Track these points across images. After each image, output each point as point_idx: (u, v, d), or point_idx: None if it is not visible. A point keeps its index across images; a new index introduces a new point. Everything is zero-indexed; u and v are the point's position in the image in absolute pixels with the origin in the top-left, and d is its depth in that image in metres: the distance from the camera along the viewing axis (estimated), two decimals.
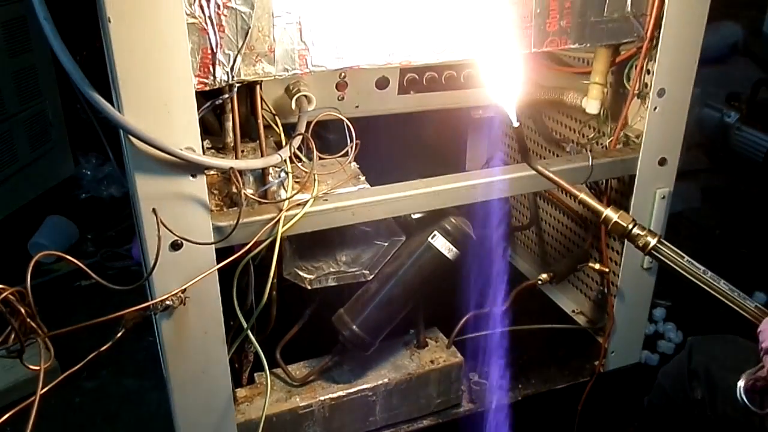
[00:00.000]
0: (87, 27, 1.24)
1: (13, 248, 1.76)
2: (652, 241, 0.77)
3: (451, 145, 1.50)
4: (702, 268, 0.75)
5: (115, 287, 0.74)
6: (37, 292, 1.65)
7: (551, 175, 0.84)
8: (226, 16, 0.74)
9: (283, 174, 0.91)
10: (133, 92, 0.73)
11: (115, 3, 0.69)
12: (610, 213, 0.79)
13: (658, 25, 0.96)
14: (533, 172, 0.98)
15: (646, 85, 1.01)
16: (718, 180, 2.00)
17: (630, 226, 0.78)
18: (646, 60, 0.99)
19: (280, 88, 1.00)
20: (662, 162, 1.06)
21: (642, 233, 0.77)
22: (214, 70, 0.76)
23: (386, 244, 1.00)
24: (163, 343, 0.88)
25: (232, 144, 0.90)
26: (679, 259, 0.76)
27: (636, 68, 1.00)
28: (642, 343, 1.22)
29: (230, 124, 0.90)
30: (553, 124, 1.29)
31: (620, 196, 1.10)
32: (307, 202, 0.87)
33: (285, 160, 0.90)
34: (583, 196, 0.81)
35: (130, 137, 0.74)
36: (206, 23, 0.73)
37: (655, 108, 1.01)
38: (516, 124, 0.80)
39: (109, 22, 0.70)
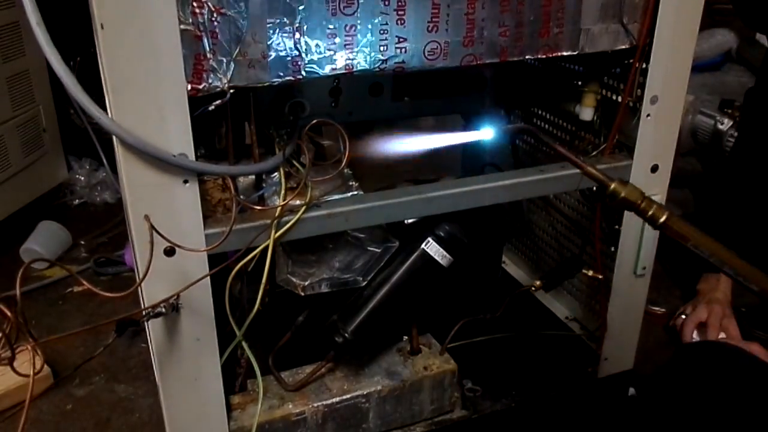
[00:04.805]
0: (81, 32, 1.24)
1: (5, 254, 1.76)
2: (663, 217, 0.75)
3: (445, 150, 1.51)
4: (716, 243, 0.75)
5: (107, 294, 0.74)
6: (29, 298, 1.65)
7: (561, 150, 0.84)
8: (219, 22, 0.74)
9: (276, 180, 0.91)
10: (126, 98, 0.73)
11: (108, 9, 0.69)
12: (618, 186, 0.77)
13: (650, 33, 0.96)
14: (527, 178, 0.99)
15: (638, 92, 1.01)
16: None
17: (639, 202, 0.76)
18: (639, 67, 0.99)
19: (273, 94, 1.00)
20: (654, 169, 1.06)
21: (652, 208, 0.76)
22: (207, 76, 0.76)
23: (380, 250, 1.00)
24: (155, 350, 0.88)
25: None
26: (692, 233, 0.75)
27: (629, 75, 1.00)
28: (635, 350, 1.23)
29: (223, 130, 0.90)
30: (547, 129, 1.29)
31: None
32: (300, 208, 0.87)
33: (278, 167, 0.90)
34: (590, 168, 0.79)
35: (122, 143, 0.74)
36: (199, 30, 0.73)
37: (648, 115, 1.02)
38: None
39: (102, 28, 0.70)
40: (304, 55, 0.79)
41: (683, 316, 1.42)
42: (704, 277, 1.49)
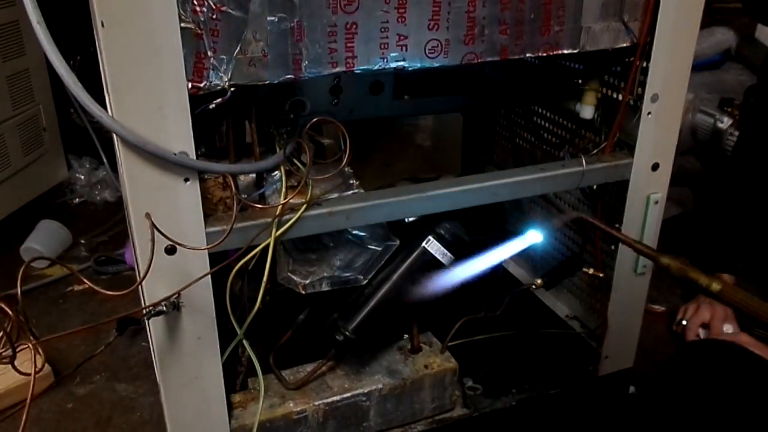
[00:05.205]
0: (81, 30, 1.24)
1: (6, 253, 1.75)
2: (717, 286, 0.78)
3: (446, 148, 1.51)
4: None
5: (108, 293, 0.74)
6: (29, 297, 1.65)
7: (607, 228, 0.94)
8: (220, 20, 0.74)
9: (277, 179, 0.91)
10: (126, 96, 0.73)
11: (108, 7, 0.69)
12: (667, 260, 0.82)
13: (651, 31, 0.96)
14: (528, 176, 0.99)
15: (639, 90, 1.01)
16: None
17: (691, 274, 0.80)
18: (640, 65, 0.99)
19: (274, 93, 1.00)
20: (655, 167, 1.06)
21: (702, 277, 0.79)
22: (208, 74, 0.76)
23: (380, 248, 1.00)
24: (156, 348, 0.88)
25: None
26: (747, 299, 0.78)
27: (630, 74, 1.00)
28: (636, 348, 1.23)
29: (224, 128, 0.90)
30: (548, 127, 1.29)
31: (614, 201, 1.10)
32: (301, 206, 0.87)
33: (279, 165, 0.90)
34: (638, 245, 0.85)
35: (123, 141, 0.74)
36: (200, 28, 0.73)
37: (648, 113, 1.02)
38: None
39: (102, 26, 0.70)
40: (304, 53, 0.79)
41: (684, 322, 1.42)
42: None
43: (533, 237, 1.06)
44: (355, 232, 0.99)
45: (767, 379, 0.84)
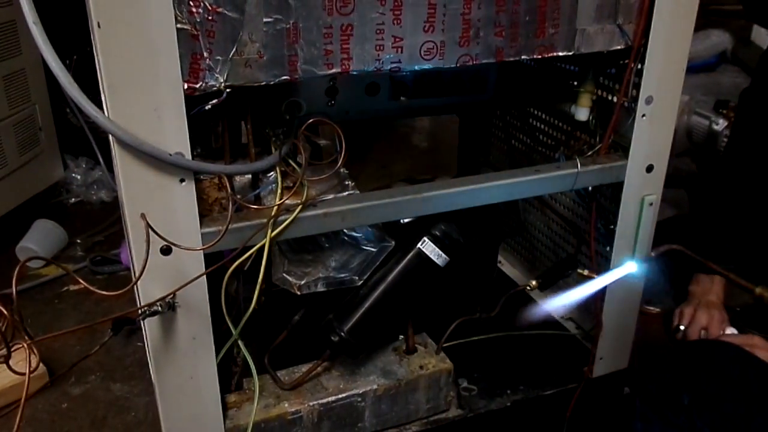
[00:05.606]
0: (78, 31, 1.24)
1: (1, 253, 1.75)
2: None
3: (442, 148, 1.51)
4: None
5: (103, 293, 0.74)
6: (25, 297, 1.65)
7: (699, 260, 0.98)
8: (216, 21, 0.74)
9: (272, 179, 0.91)
10: (122, 97, 0.73)
11: (105, 7, 0.69)
12: (760, 290, 0.82)
13: (645, 33, 0.96)
14: (523, 178, 0.99)
15: (634, 92, 1.02)
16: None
17: None
18: (634, 67, 1.00)
19: (269, 94, 1.00)
20: (650, 169, 1.07)
21: None
22: (203, 75, 0.76)
23: (376, 249, 1.00)
24: (151, 348, 0.88)
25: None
26: None
27: (624, 76, 1.00)
28: (630, 349, 1.23)
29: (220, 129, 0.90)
30: (543, 129, 1.29)
31: (609, 203, 1.11)
32: (296, 207, 0.87)
33: (275, 166, 0.90)
34: (733, 276, 0.85)
35: (119, 141, 0.75)
36: (196, 29, 0.73)
37: (643, 115, 1.02)
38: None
39: (99, 26, 0.70)
40: (300, 54, 0.79)
41: (682, 327, 1.42)
42: (696, 279, 1.49)
43: (630, 267, 1.10)
44: (350, 233, 0.99)
45: (763, 379, 0.84)
